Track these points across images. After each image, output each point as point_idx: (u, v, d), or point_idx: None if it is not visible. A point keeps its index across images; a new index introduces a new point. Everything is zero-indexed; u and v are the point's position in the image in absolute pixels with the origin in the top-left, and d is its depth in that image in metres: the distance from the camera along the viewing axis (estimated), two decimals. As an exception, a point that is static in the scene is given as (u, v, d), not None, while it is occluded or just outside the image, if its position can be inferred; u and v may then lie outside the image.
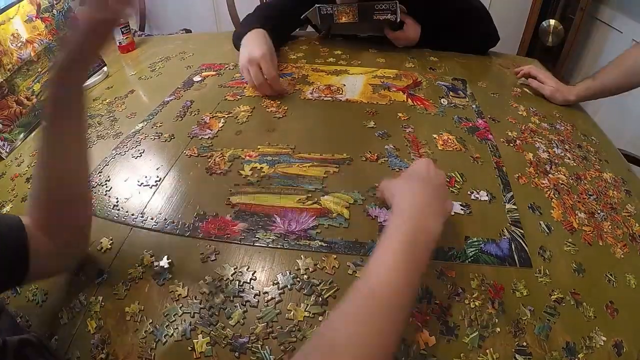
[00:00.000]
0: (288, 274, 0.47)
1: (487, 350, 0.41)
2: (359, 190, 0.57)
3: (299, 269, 0.48)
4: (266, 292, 0.45)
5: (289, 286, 0.46)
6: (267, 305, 0.44)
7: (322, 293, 0.45)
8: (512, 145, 0.69)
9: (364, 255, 0.49)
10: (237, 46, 0.89)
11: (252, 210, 0.55)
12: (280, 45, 1.03)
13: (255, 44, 0.82)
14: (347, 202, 0.56)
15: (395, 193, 0.46)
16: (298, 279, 0.46)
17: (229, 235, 0.52)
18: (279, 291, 0.45)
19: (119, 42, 1.14)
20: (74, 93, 0.42)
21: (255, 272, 0.47)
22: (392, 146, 0.66)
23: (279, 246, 0.50)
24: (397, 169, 0.62)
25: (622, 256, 0.52)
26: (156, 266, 0.48)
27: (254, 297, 0.45)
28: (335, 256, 0.49)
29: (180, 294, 0.45)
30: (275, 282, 0.46)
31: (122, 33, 1.13)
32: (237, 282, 0.46)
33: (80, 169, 0.45)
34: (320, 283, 0.46)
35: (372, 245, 0.50)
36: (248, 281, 0.46)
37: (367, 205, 0.55)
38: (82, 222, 0.47)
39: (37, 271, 0.41)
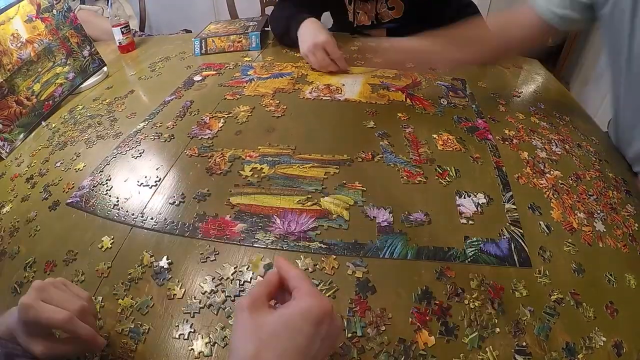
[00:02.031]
0: (288, 274, 0.47)
1: (487, 349, 0.41)
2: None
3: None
4: (266, 293, 0.45)
5: (288, 286, 0.46)
6: (267, 306, 0.44)
7: (322, 293, 0.45)
8: (507, 143, 0.69)
9: (363, 256, 0.49)
10: (289, 40, 1.01)
11: (252, 211, 0.55)
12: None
13: (315, 31, 0.93)
14: (347, 203, 0.56)
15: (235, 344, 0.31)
16: (298, 279, 0.46)
17: (228, 236, 0.52)
18: (279, 291, 0.45)
19: (119, 42, 1.14)
20: None
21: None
22: (386, 142, 0.66)
23: (278, 247, 0.50)
24: (392, 165, 0.62)
25: (622, 256, 0.52)
26: (156, 266, 0.48)
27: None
28: (334, 256, 0.49)
29: (179, 294, 0.45)
30: (274, 282, 0.46)
31: (122, 33, 1.13)
32: (238, 282, 0.46)
33: None
34: (319, 283, 0.46)
35: (371, 246, 0.50)
36: (249, 280, 0.46)
37: (365, 206, 0.55)
38: None
39: None
